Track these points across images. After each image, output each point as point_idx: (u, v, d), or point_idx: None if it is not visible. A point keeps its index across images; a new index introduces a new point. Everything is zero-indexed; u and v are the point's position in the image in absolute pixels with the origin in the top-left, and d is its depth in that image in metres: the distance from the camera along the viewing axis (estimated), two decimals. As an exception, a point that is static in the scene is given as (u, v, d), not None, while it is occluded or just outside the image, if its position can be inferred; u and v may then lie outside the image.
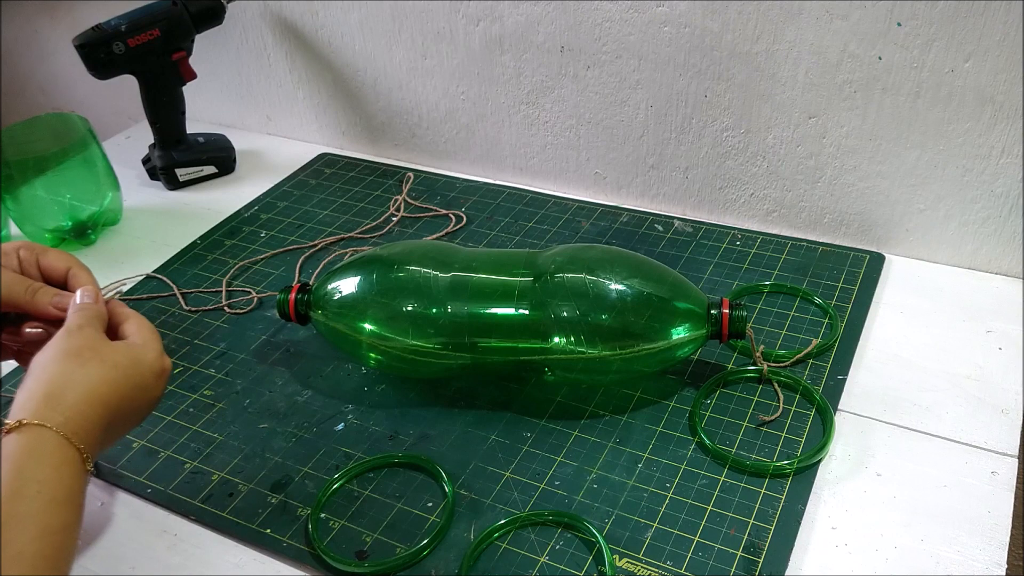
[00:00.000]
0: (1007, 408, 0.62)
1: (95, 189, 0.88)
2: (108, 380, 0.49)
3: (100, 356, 0.50)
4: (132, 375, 0.51)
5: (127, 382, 0.51)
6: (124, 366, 0.51)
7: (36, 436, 0.45)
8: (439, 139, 0.99)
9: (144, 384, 0.52)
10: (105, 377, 0.49)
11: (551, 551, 0.54)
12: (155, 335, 0.55)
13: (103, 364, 0.50)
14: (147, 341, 0.54)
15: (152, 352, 0.53)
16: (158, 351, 0.54)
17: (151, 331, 0.55)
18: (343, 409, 0.67)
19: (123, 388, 0.50)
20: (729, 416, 0.63)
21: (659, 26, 0.79)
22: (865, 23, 0.70)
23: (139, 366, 0.52)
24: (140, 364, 0.52)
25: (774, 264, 0.79)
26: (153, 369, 0.53)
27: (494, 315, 0.63)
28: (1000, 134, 0.70)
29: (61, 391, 0.48)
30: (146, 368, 0.52)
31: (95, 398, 0.48)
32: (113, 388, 0.50)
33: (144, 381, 0.52)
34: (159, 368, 0.53)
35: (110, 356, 0.51)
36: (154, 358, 0.53)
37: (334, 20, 0.96)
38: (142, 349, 0.53)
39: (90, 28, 0.89)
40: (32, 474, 0.44)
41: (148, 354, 0.53)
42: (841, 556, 0.53)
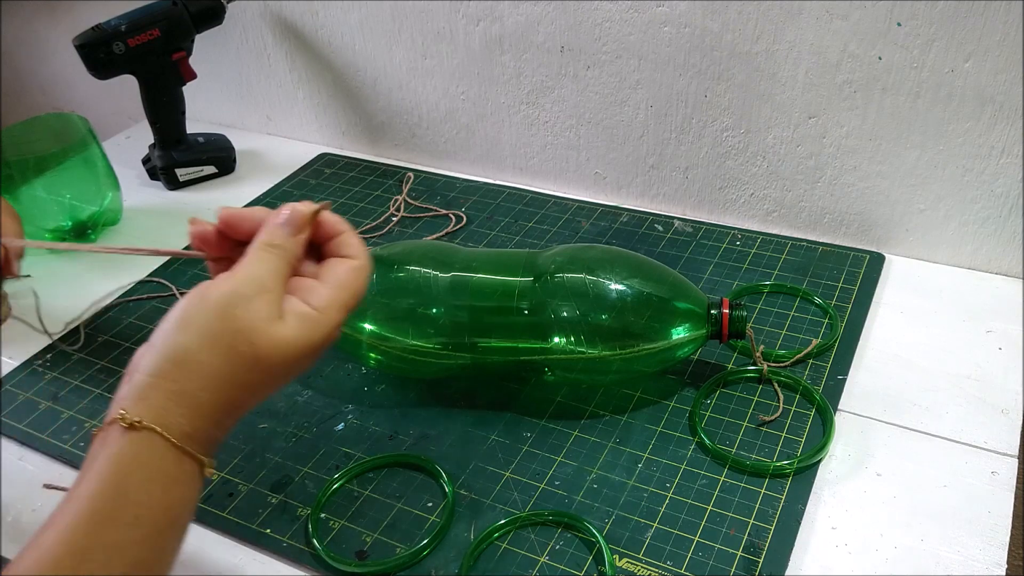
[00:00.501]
0: (1007, 408, 0.62)
1: (95, 189, 0.88)
2: (256, 383, 0.39)
3: (257, 352, 0.38)
4: (289, 371, 0.40)
5: (279, 379, 0.40)
6: (283, 363, 0.39)
7: (149, 444, 0.37)
8: (439, 139, 0.99)
9: (290, 376, 0.41)
10: (255, 380, 0.39)
11: (551, 551, 0.54)
12: (351, 289, 0.41)
13: (256, 365, 0.38)
14: (331, 298, 0.41)
15: (325, 327, 0.40)
16: (335, 321, 0.40)
17: (350, 282, 0.41)
18: (343, 409, 0.67)
19: (270, 385, 0.40)
20: (729, 416, 0.63)
21: (659, 26, 0.79)
22: (865, 23, 0.70)
23: (300, 357, 0.39)
24: (303, 354, 0.39)
25: (774, 264, 0.79)
26: (314, 354, 0.40)
27: (494, 315, 0.63)
28: (1000, 134, 0.70)
29: (197, 389, 0.38)
30: (307, 362, 0.40)
31: (234, 402, 0.39)
32: (259, 389, 0.40)
33: (292, 374, 0.41)
34: (321, 347, 0.40)
35: (271, 352, 0.38)
36: (325, 336, 0.40)
37: (334, 20, 0.96)
38: (313, 327, 0.39)
39: (90, 28, 0.89)
40: (135, 495, 0.36)
41: (318, 332, 0.40)
42: (841, 556, 0.53)
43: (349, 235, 0.43)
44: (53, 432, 0.66)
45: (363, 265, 0.43)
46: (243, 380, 0.39)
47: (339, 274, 0.42)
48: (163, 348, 0.39)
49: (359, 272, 0.42)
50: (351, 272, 0.42)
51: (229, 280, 0.39)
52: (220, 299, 0.39)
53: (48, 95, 1.35)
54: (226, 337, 0.38)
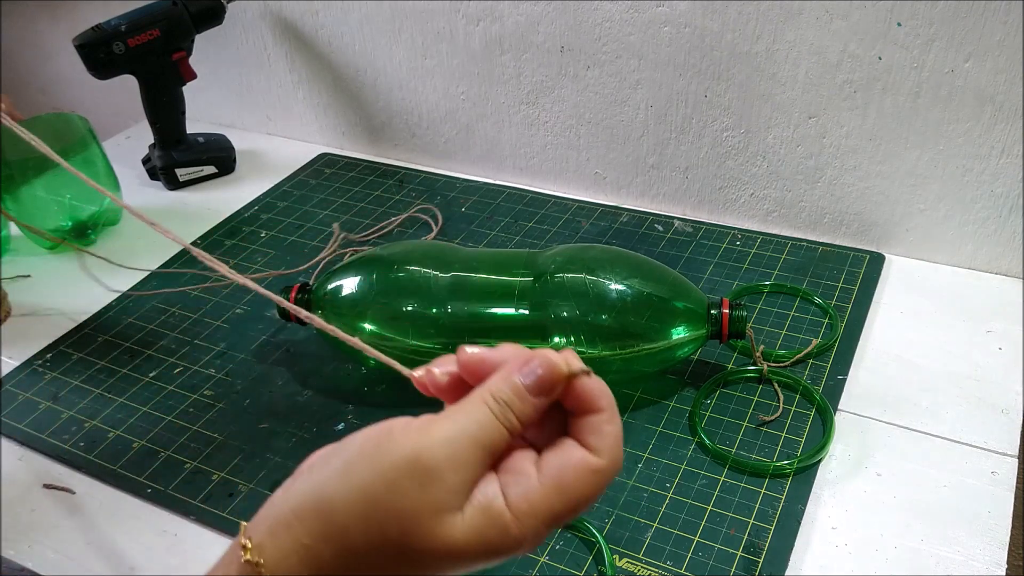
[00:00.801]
0: (1007, 408, 0.62)
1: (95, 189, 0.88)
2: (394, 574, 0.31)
3: (407, 545, 0.30)
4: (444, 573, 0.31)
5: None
6: (438, 566, 0.30)
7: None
8: (439, 139, 0.99)
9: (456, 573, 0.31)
10: (395, 572, 0.31)
11: (551, 551, 0.54)
12: (565, 496, 0.31)
13: (402, 559, 0.30)
14: (530, 512, 0.30)
15: (513, 539, 0.30)
16: (528, 536, 0.30)
17: (571, 486, 0.31)
18: (343, 409, 0.67)
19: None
20: (729, 416, 0.63)
21: (659, 26, 0.79)
22: (865, 23, 0.70)
23: (465, 564, 0.30)
24: (471, 562, 0.30)
25: (774, 264, 0.79)
26: (488, 562, 0.31)
27: (494, 315, 0.63)
28: (1000, 134, 0.70)
29: (327, 553, 0.30)
30: (476, 566, 0.31)
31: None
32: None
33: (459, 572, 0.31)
34: (500, 557, 0.31)
35: (424, 551, 0.30)
36: (509, 549, 0.30)
37: (334, 20, 0.96)
38: (497, 534, 0.30)
39: (90, 28, 0.89)
40: None
41: (501, 542, 0.30)
42: (841, 556, 0.53)
43: (605, 418, 0.32)
44: (53, 432, 0.66)
45: (604, 468, 0.31)
46: (379, 566, 0.30)
47: (566, 472, 0.31)
48: (317, 486, 0.31)
49: (594, 476, 0.31)
50: (582, 474, 0.31)
51: (423, 433, 0.31)
52: (399, 458, 0.30)
53: (48, 95, 1.35)
54: (380, 512, 0.30)
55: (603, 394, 0.33)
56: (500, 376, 0.32)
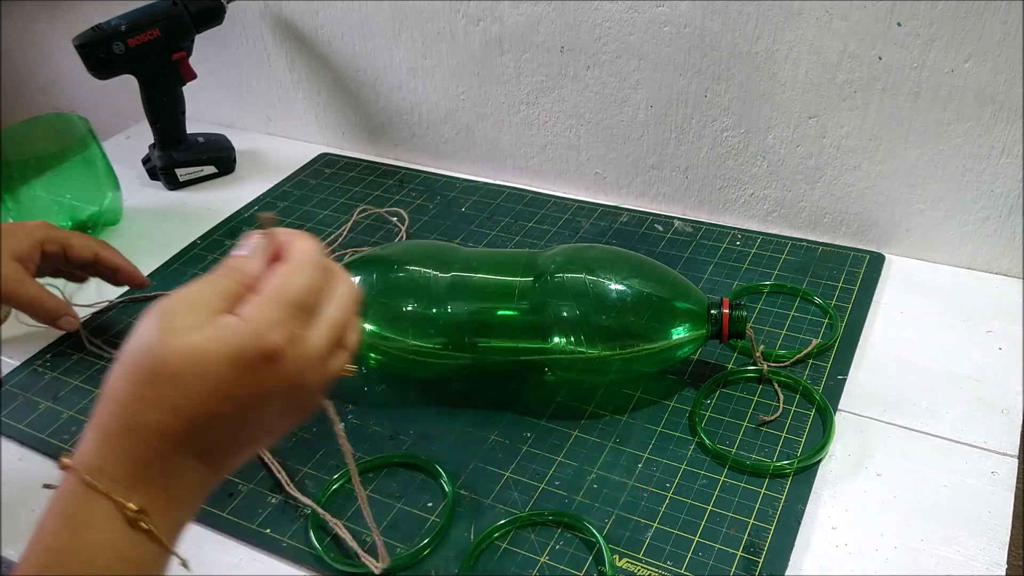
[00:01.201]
0: (1007, 408, 0.62)
1: (95, 189, 0.88)
2: (169, 398, 0.35)
3: (155, 362, 0.35)
4: (210, 387, 0.35)
5: (204, 399, 0.35)
6: (195, 372, 0.35)
7: (67, 481, 0.35)
8: (439, 139, 0.99)
9: (231, 391, 0.35)
10: (164, 395, 0.35)
11: (551, 551, 0.54)
12: (281, 295, 0.37)
13: (157, 378, 0.35)
14: (257, 309, 0.36)
15: (242, 335, 0.35)
16: (259, 327, 0.36)
17: (281, 288, 0.37)
18: (343, 409, 0.67)
19: (201, 403, 0.35)
20: (729, 416, 0.63)
21: (659, 26, 0.79)
22: (865, 23, 0.70)
23: (218, 366, 0.35)
24: (220, 364, 0.35)
25: (774, 264, 0.79)
26: (241, 362, 0.35)
27: (494, 315, 0.63)
28: (1000, 134, 0.70)
29: (106, 415, 0.35)
30: (230, 368, 0.35)
31: (149, 427, 0.35)
32: (184, 407, 0.35)
33: (228, 387, 0.35)
34: (253, 356, 0.35)
35: (174, 361, 0.35)
36: (243, 343, 0.35)
37: (334, 20, 0.96)
38: (230, 335, 0.35)
39: (90, 28, 0.89)
40: (46, 536, 0.35)
41: (237, 343, 0.35)
42: (841, 556, 0.53)
43: (290, 240, 0.39)
44: (53, 432, 0.66)
45: (293, 265, 0.38)
46: (148, 396, 0.34)
47: (269, 280, 0.38)
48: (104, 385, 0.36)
49: (289, 271, 0.38)
50: (280, 275, 0.38)
51: (163, 300, 0.36)
52: (144, 320, 0.36)
53: (48, 95, 1.35)
54: (132, 353, 0.35)
55: (293, 232, 0.40)
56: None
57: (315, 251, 0.39)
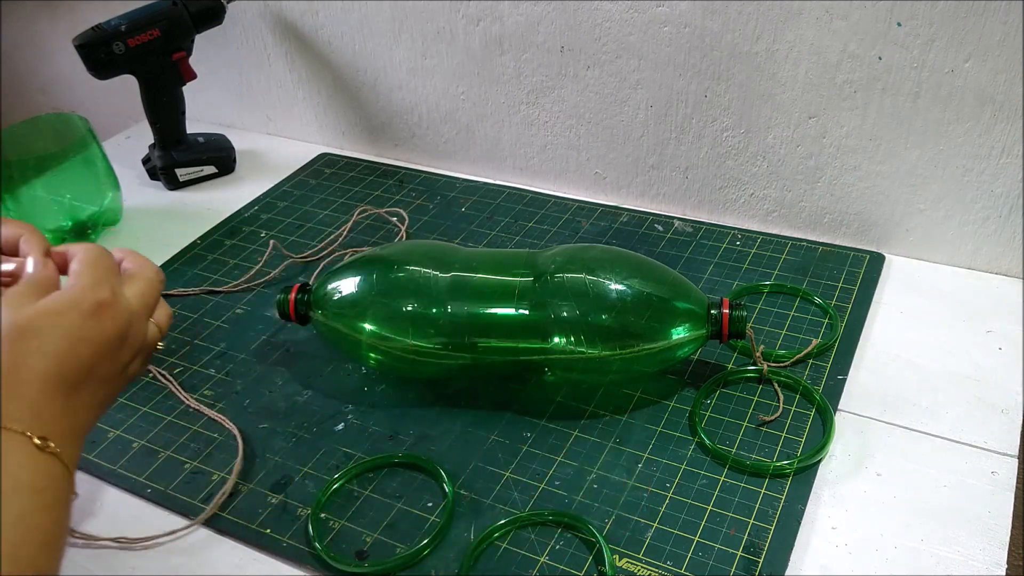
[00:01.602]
0: (1007, 408, 0.62)
1: (95, 189, 0.88)
2: (45, 351, 0.43)
3: (31, 326, 0.44)
4: (64, 332, 0.44)
5: (63, 342, 0.44)
6: (54, 327, 0.44)
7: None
8: (439, 139, 0.99)
9: (82, 335, 0.45)
10: (42, 349, 0.43)
11: (551, 551, 0.54)
12: (89, 267, 0.48)
13: (36, 335, 0.44)
14: (76, 279, 0.47)
15: (76, 292, 0.46)
16: (85, 286, 0.46)
17: (85, 264, 0.48)
18: (343, 409, 0.67)
19: (61, 351, 0.44)
20: (729, 416, 0.63)
21: (659, 26, 0.79)
22: (865, 23, 0.70)
23: (66, 316, 0.45)
24: (66, 314, 0.45)
25: (774, 264, 0.79)
26: (81, 310, 0.45)
27: (494, 315, 0.63)
28: (1000, 134, 0.70)
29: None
30: (75, 315, 0.45)
31: (32, 376, 0.43)
32: (52, 357, 0.43)
33: (78, 331, 0.45)
34: (88, 305, 0.45)
35: (36, 321, 0.44)
36: (78, 297, 0.46)
37: (334, 20, 0.96)
38: (67, 295, 0.46)
39: (90, 28, 0.89)
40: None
41: (74, 297, 0.46)
42: (841, 556, 0.53)
43: (69, 247, 0.50)
44: (53, 432, 0.66)
45: (87, 250, 0.49)
46: (20, 350, 0.43)
47: (75, 266, 0.48)
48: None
49: (88, 252, 0.49)
50: (83, 258, 0.48)
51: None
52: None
53: (48, 95, 1.35)
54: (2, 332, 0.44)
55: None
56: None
57: (96, 246, 0.50)
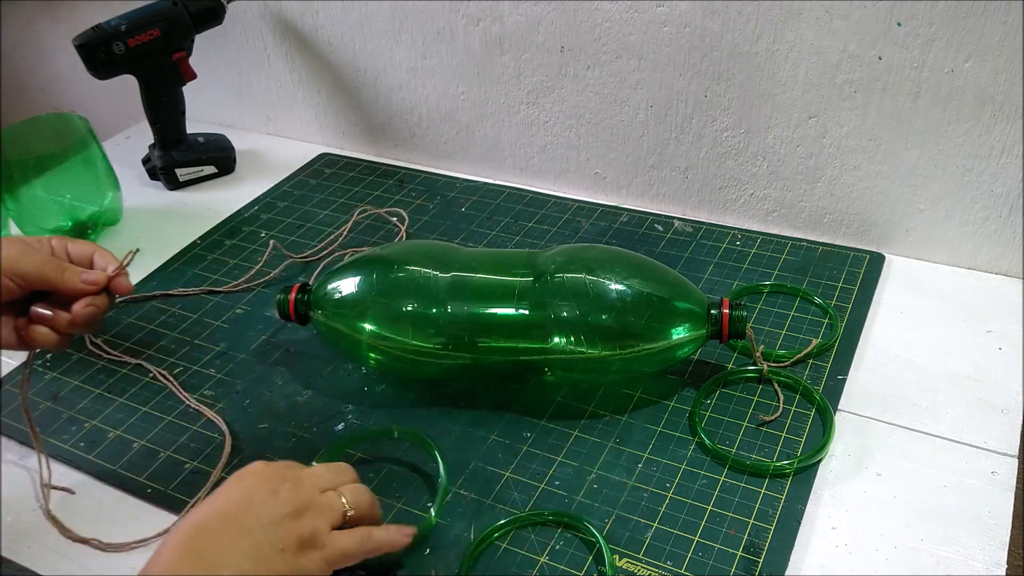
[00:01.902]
0: (1007, 408, 0.62)
1: (95, 189, 0.88)
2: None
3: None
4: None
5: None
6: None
7: None
8: (439, 139, 0.99)
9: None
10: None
11: (551, 551, 0.54)
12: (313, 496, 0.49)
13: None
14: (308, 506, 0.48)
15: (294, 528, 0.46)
16: (301, 518, 0.47)
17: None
18: (343, 409, 0.67)
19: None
20: (729, 416, 0.63)
21: (659, 26, 0.79)
22: (865, 23, 0.70)
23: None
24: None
25: (774, 264, 0.79)
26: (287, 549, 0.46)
27: (494, 315, 0.63)
28: (1000, 134, 0.70)
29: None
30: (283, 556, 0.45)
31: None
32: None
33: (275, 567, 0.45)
34: (295, 544, 0.46)
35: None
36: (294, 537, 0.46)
37: (334, 20, 0.96)
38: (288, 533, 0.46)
39: (90, 28, 0.89)
40: None
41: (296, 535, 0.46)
42: (841, 556, 0.53)
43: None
44: (53, 432, 0.66)
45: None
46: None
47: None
48: None
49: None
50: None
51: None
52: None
53: (48, 95, 1.35)
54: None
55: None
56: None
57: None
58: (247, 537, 0.45)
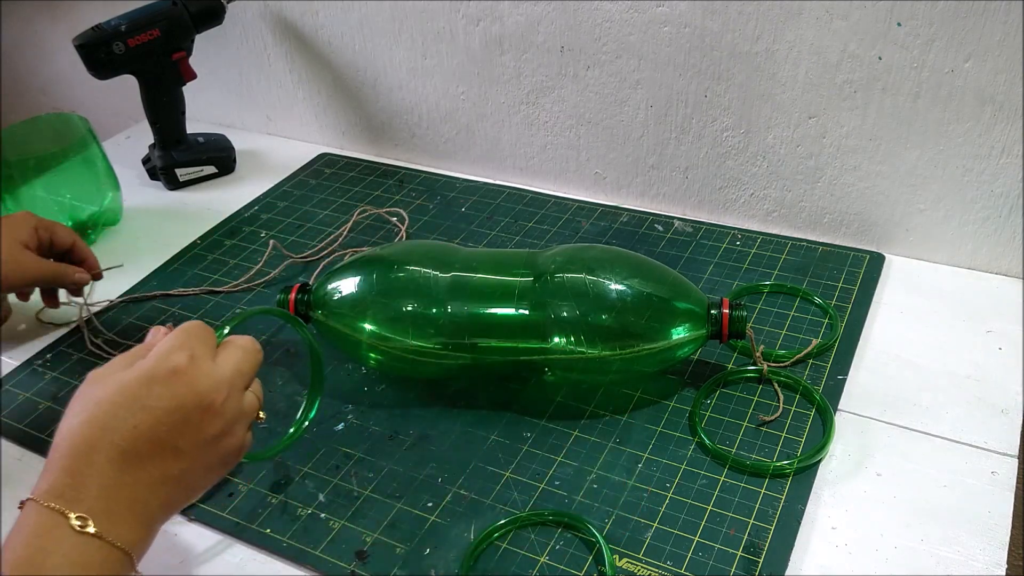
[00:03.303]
0: (1007, 408, 0.62)
1: (95, 189, 0.88)
2: (103, 424, 0.44)
3: (98, 397, 0.45)
4: (125, 400, 0.44)
5: (122, 411, 0.44)
6: (115, 395, 0.44)
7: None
8: (439, 139, 0.99)
9: (146, 403, 0.44)
10: (99, 420, 0.44)
11: (551, 551, 0.54)
12: (173, 335, 0.48)
13: (98, 406, 0.44)
14: (157, 348, 0.47)
15: (149, 360, 0.46)
16: (161, 353, 0.46)
17: (172, 333, 0.48)
18: (343, 409, 0.67)
19: (118, 421, 0.43)
20: (729, 416, 0.63)
21: (659, 26, 0.79)
22: (865, 23, 0.70)
23: (131, 384, 0.45)
24: (132, 382, 0.45)
25: (774, 264, 0.79)
26: (150, 377, 0.45)
27: (494, 315, 0.63)
28: (1000, 134, 0.70)
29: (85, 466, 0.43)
30: (141, 383, 0.45)
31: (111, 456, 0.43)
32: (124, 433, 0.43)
33: (143, 400, 0.44)
34: (161, 372, 0.45)
35: (101, 391, 0.45)
36: (150, 364, 0.45)
37: (334, 20, 0.96)
38: (142, 363, 0.46)
39: (90, 28, 0.89)
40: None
41: (146, 365, 0.46)
42: (841, 556, 0.53)
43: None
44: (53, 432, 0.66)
45: (184, 325, 0.50)
46: (84, 420, 0.45)
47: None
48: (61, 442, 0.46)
49: (183, 327, 0.50)
50: (178, 328, 0.50)
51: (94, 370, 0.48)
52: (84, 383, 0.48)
53: (48, 95, 1.35)
54: (76, 403, 0.47)
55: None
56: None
57: (198, 321, 0.50)
58: (180, 462, 0.45)
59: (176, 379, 0.45)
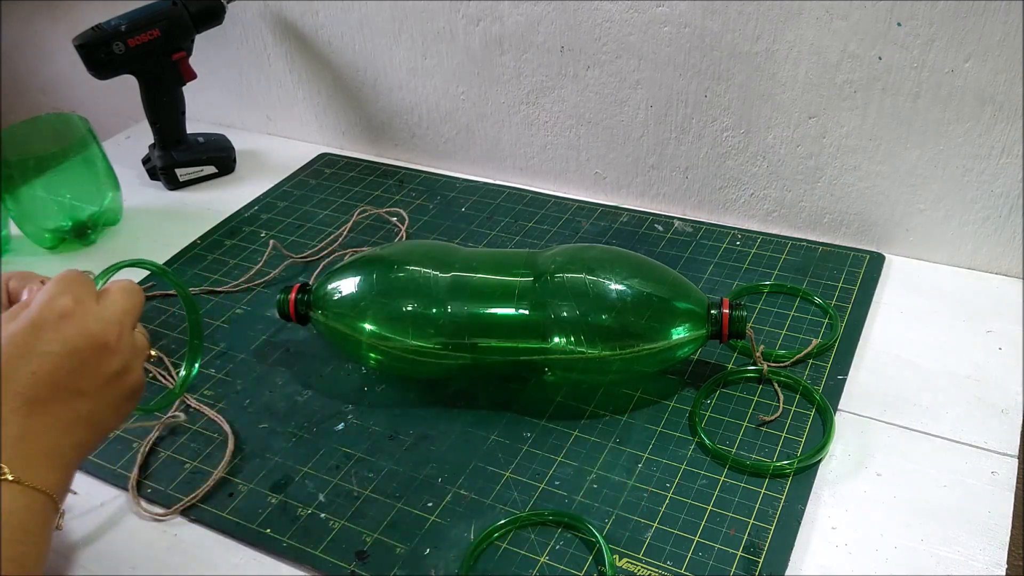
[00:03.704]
0: (1007, 408, 0.62)
1: (95, 189, 0.88)
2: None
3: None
4: (17, 348, 0.44)
5: (16, 360, 0.43)
6: (7, 345, 0.44)
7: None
8: (439, 139, 0.99)
9: (40, 348, 0.44)
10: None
11: (551, 551, 0.54)
12: (53, 282, 0.47)
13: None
14: (39, 295, 0.46)
15: (33, 307, 0.45)
16: (43, 300, 0.46)
17: (51, 281, 0.47)
18: (343, 409, 0.67)
19: (14, 369, 0.43)
20: (729, 416, 0.63)
21: (659, 26, 0.79)
22: (865, 23, 0.70)
23: (20, 332, 0.44)
24: (22, 330, 0.44)
25: (774, 264, 0.79)
26: (38, 323, 0.45)
27: (494, 315, 0.63)
28: (1000, 134, 0.70)
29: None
30: (30, 329, 0.44)
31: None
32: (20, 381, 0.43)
33: (35, 345, 0.44)
34: (49, 317, 0.45)
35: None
36: (35, 311, 0.45)
37: (334, 20, 0.96)
38: (26, 311, 0.45)
39: (90, 28, 0.89)
40: None
41: (30, 312, 0.45)
42: (841, 556, 0.53)
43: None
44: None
45: (64, 272, 0.48)
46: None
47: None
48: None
49: (65, 272, 0.48)
50: (59, 274, 0.49)
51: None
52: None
53: (48, 95, 1.35)
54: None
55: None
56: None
57: (71, 269, 0.49)
58: (85, 402, 0.45)
59: (65, 322, 0.45)
